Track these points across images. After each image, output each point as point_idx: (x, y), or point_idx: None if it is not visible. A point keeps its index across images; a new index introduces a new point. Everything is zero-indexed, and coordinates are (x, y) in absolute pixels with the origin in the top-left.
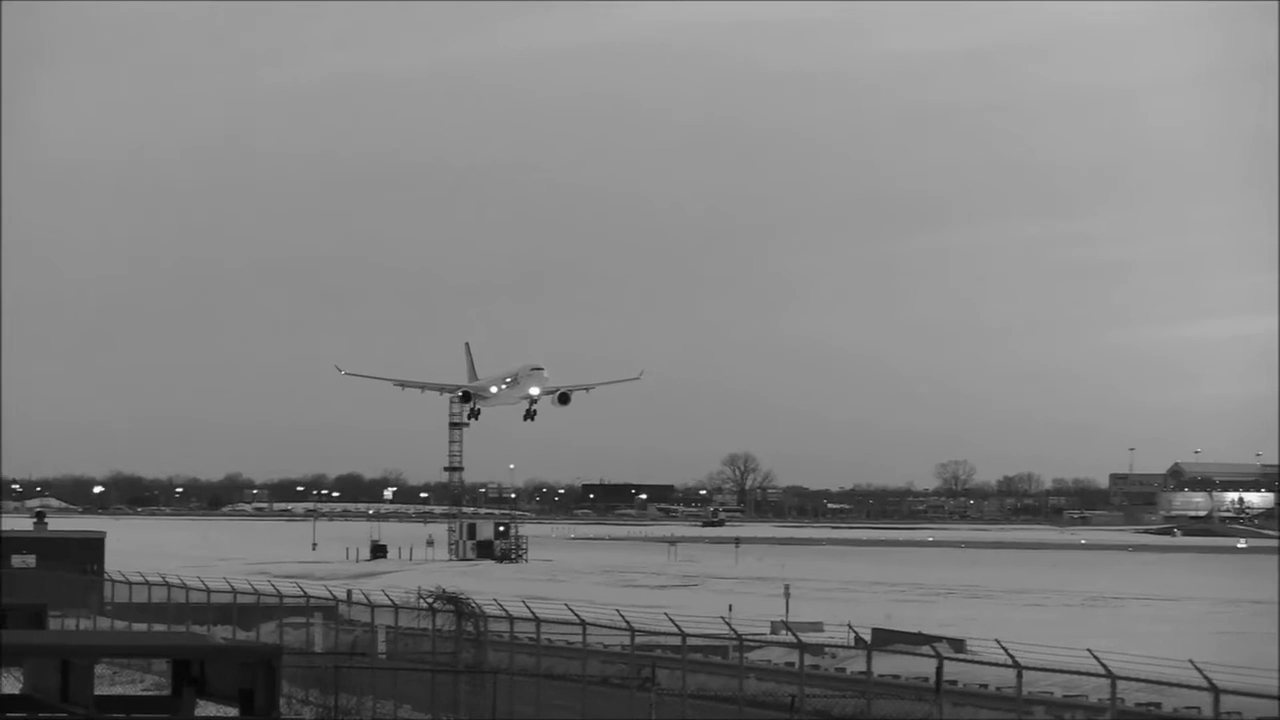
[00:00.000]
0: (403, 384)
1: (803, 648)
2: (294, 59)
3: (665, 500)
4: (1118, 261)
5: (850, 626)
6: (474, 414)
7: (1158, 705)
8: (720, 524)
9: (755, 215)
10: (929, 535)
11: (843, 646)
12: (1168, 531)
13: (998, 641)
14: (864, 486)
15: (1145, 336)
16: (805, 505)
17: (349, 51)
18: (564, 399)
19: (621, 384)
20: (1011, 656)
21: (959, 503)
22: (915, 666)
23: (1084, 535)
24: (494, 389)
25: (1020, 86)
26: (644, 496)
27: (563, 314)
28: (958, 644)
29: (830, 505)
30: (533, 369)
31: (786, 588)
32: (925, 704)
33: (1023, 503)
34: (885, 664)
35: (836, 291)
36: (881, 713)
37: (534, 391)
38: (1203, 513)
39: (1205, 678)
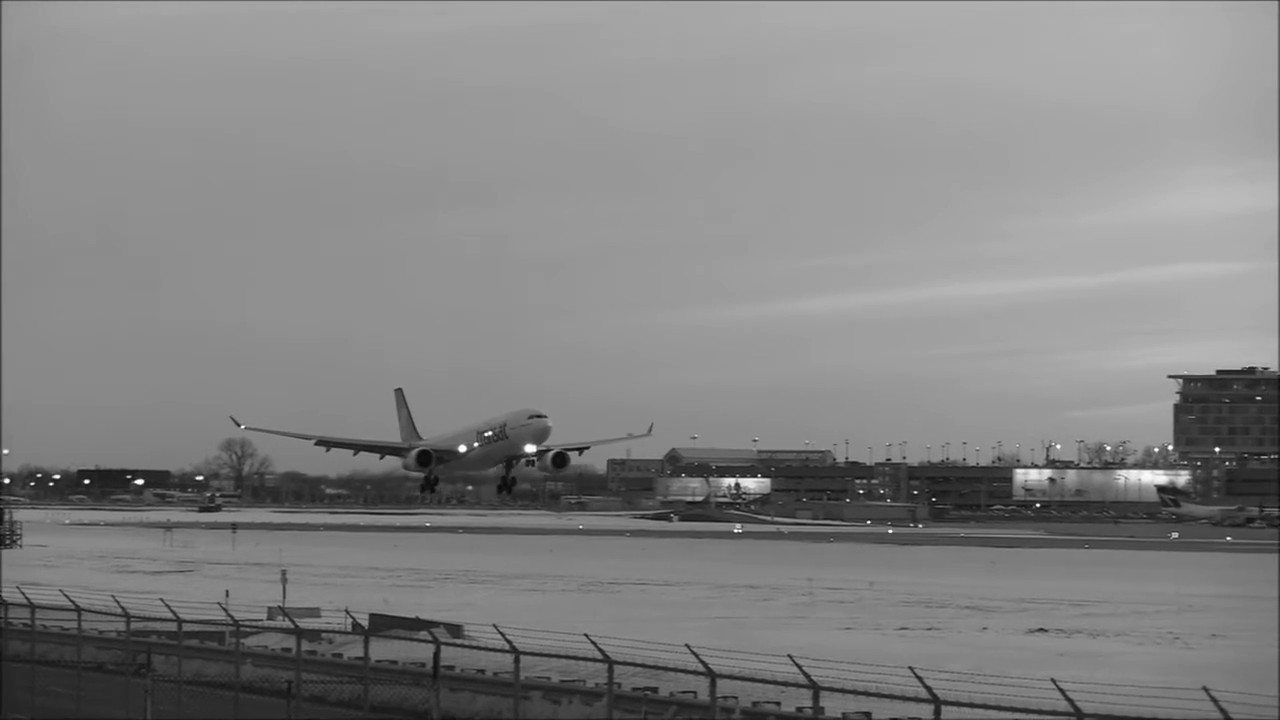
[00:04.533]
0: (327, 444)
1: (300, 633)
2: None
3: (162, 485)
4: (608, 248)
5: (348, 612)
6: (431, 484)
7: (654, 690)
8: (217, 509)
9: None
10: (426, 521)
11: (340, 632)
12: (665, 517)
13: (495, 627)
14: (362, 473)
15: (638, 323)
16: (303, 491)
17: None
18: (560, 460)
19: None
20: (509, 642)
21: (456, 488)
22: (413, 652)
23: (581, 520)
24: (463, 447)
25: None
26: (140, 482)
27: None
28: (455, 629)
29: (328, 491)
30: (531, 416)
31: (283, 573)
32: (423, 689)
33: (520, 488)
34: (383, 649)
35: (305, 283)
36: (379, 699)
37: (529, 449)
38: (699, 498)
39: (702, 662)
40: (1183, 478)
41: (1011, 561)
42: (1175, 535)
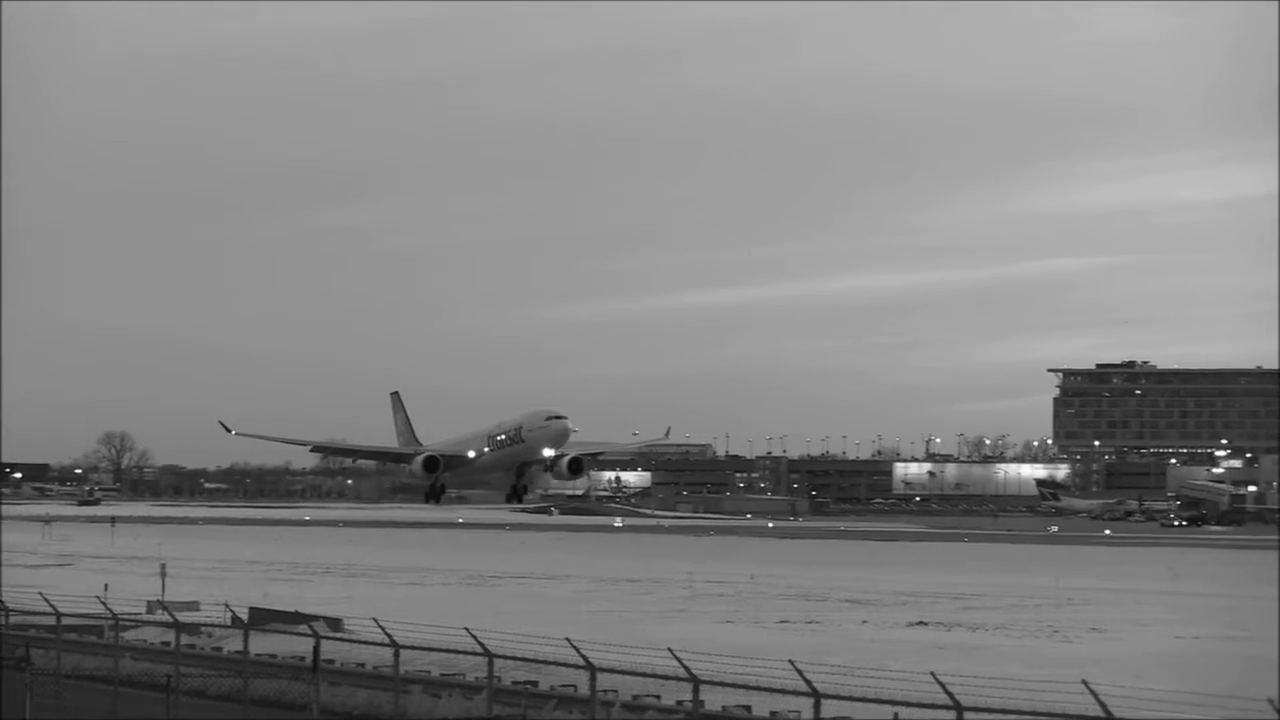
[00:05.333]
0: (324, 451)
1: (179, 627)
2: None
3: (41, 479)
4: (491, 241)
5: (227, 605)
6: (437, 493)
7: (535, 684)
8: (96, 503)
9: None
10: (306, 514)
11: (220, 626)
12: (545, 510)
13: (375, 620)
14: (242, 465)
15: (520, 317)
16: (182, 484)
17: None
18: (576, 466)
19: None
20: (389, 635)
21: (337, 482)
22: (293, 645)
23: (462, 514)
24: (472, 453)
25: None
26: (19, 475)
27: None
28: (335, 623)
29: (207, 484)
30: (549, 417)
31: (163, 567)
32: (302, 683)
33: (401, 482)
34: (262, 643)
35: (173, 279)
36: (258, 692)
37: (546, 453)
38: (580, 491)
39: (582, 656)
40: (1062, 471)
41: (891, 555)
42: (1055, 528)
